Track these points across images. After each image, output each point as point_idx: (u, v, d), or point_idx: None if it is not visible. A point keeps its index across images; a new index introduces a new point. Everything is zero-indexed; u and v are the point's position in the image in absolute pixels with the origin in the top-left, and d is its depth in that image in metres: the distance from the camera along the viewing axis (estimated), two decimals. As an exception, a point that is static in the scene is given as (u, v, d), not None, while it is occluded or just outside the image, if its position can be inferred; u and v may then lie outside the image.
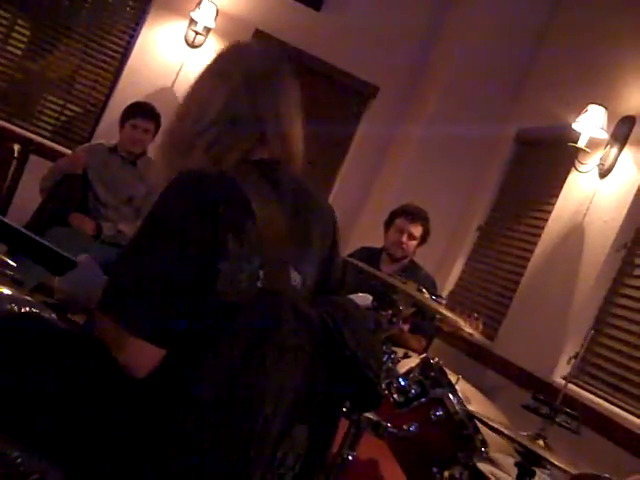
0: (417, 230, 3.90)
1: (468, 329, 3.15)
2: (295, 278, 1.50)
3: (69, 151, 4.79)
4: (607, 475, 1.86)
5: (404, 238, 3.89)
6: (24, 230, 1.62)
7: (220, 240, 1.36)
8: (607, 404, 3.42)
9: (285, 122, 1.60)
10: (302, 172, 1.65)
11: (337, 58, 5.42)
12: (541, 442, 2.07)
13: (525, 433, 2.17)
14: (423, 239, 3.97)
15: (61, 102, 5.28)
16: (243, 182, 1.43)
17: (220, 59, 1.62)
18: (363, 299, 3.26)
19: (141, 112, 4.12)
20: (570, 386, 3.19)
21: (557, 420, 1.95)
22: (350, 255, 4.30)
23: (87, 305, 1.53)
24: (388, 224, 3.99)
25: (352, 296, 3.21)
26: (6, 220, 1.60)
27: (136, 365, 1.36)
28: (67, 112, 5.30)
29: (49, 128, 5.28)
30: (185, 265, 1.35)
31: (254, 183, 1.46)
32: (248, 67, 1.57)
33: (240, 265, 1.38)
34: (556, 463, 1.85)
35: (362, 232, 5.16)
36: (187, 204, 1.38)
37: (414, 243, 3.93)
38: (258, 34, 5.33)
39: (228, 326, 1.36)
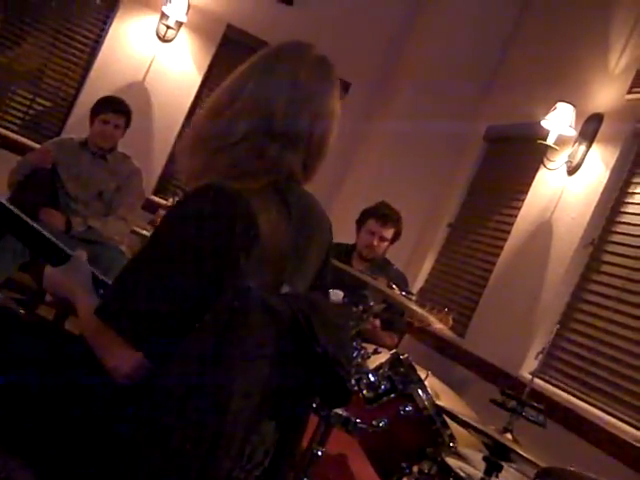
0: (388, 233, 3.91)
1: (438, 324, 3.17)
2: (284, 290, 1.50)
3: (38, 145, 4.74)
4: (573, 468, 1.88)
5: (375, 241, 3.90)
6: (23, 215, 1.58)
7: (232, 257, 1.35)
8: (573, 398, 3.46)
9: (320, 132, 1.53)
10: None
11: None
12: (509, 436, 2.10)
13: (493, 427, 2.19)
14: (394, 239, 3.99)
15: (30, 96, 5.23)
16: (254, 198, 1.41)
17: (265, 58, 1.54)
18: (334, 295, 3.28)
19: (111, 107, 4.09)
20: (537, 381, 3.23)
21: (524, 414, 1.97)
22: None
23: (69, 300, 1.50)
24: (360, 223, 3.99)
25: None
26: (5, 203, 1.57)
27: (126, 374, 1.35)
28: (36, 106, 5.25)
29: (17, 122, 5.22)
30: (193, 282, 1.35)
31: (264, 199, 1.44)
32: (300, 75, 1.50)
33: (243, 284, 1.37)
34: (524, 455, 1.87)
35: (333, 228, 5.16)
36: (204, 219, 1.36)
37: (385, 244, 3.95)
38: (230, 29, 5.32)
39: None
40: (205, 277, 1.35)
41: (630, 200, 3.69)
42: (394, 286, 2.70)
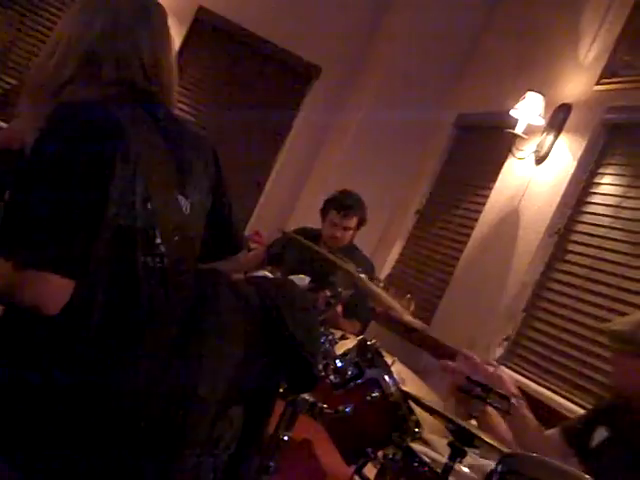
0: (351, 223, 3.85)
1: (400, 310, 3.18)
2: (183, 204, 1.48)
3: (5, 125, 4.65)
4: (536, 454, 1.91)
5: (338, 233, 3.86)
6: None
7: (109, 165, 1.33)
8: (536, 385, 3.51)
9: (156, 67, 1.53)
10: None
11: (281, 38, 5.38)
12: (473, 422, 2.12)
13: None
14: (359, 226, 3.94)
15: (-4, 73, 5.14)
16: (117, 109, 1.40)
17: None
18: (300, 280, 3.27)
19: None
20: (502, 368, 3.26)
21: (489, 401, 1.98)
22: (282, 238, 4.28)
23: None
24: (323, 213, 3.92)
25: (289, 277, 3.23)
26: None
27: (45, 301, 1.27)
28: (2, 84, 5.15)
29: (-17, 100, 5.12)
30: (78, 194, 1.31)
31: (128, 111, 1.43)
32: (114, 10, 1.51)
33: (131, 187, 1.35)
34: (487, 441, 1.89)
35: (302, 213, 5.16)
36: (73, 134, 1.34)
37: (349, 233, 3.89)
38: (201, 10, 5.26)
39: (129, 254, 1.34)
40: (84, 188, 1.31)
41: (596, 190, 3.73)
42: (361, 272, 2.69)
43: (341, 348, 2.46)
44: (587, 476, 1.53)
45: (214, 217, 1.59)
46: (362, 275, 2.64)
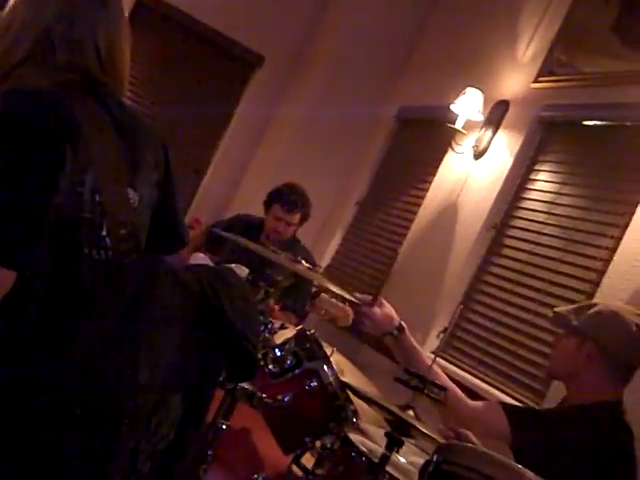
0: (294, 218, 3.85)
1: (340, 321, 3.20)
2: (132, 197, 1.47)
3: None
4: (470, 444, 1.94)
5: (281, 227, 3.85)
6: None
7: (59, 155, 1.30)
8: (471, 377, 3.57)
9: (110, 54, 1.52)
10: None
11: (225, 25, 5.33)
12: (411, 412, 2.14)
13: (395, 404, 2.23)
14: (302, 222, 3.94)
15: None
16: (69, 98, 1.38)
17: None
18: (239, 270, 3.25)
19: None
20: (439, 360, 3.31)
21: (425, 392, 2.01)
22: (228, 221, 4.26)
23: None
24: (266, 205, 3.91)
25: (229, 266, 3.21)
26: None
27: None
28: None
29: None
30: (25, 182, 1.28)
31: (80, 100, 1.41)
32: None
33: (79, 177, 1.33)
34: (424, 431, 1.91)
35: (242, 202, 5.13)
36: (21, 122, 1.31)
37: (292, 228, 3.88)
38: (142, -6, 5.17)
39: (73, 245, 1.32)
40: (31, 179, 1.28)
41: (531, 186, 3.81)
42: (302, 260, 2.68)
43: (280, 337, 2.46)
44: (520, 466, 1.56)
45: (160, 212, 1.57)
46: (302, 264, 2.63)
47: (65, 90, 1.39)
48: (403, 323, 2.32)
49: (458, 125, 4.19)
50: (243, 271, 3.18)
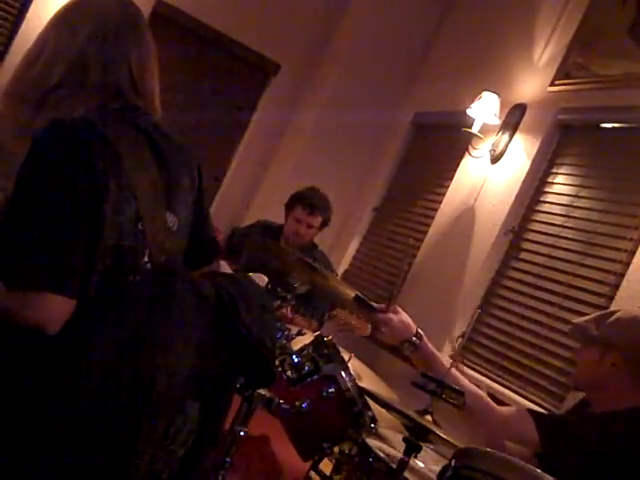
0: (316, 221, 3.85)
1: (358, 332, 3.20)
2: (171, 220, 1.49)
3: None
4: (490, 449, 1.93)
5: (302, 229, 3.85)
6: None
7: (103, 185, 1.32)
8: (490, 382, 3.55)
9: (141, 74, 1.54)
10: (163, 122, 1.61)
11: (241, 33, 5.36)
12: (428, 417, 2.14)
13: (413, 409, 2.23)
14: (323, 226, 3.94)
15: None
16: (107, 127, 1.39)
17: (73, 6, 1.55)
18: (258, 278, 3.26)
19: None
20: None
21: (444, 397, 2.00)
22: (247, 227, 4.27)
23: None
24: (288, 208, 3.92)
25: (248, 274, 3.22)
26: None
27: (48, 319, 1.29)
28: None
29: None
30: (75, 214, 1.30)
31: (118, 128, 1.42)
32: (102, 16, 1.51)
33: (121, 207, 1.35)
34: (442, 436, 1.91)
35: (258, 210, 5.15)
36: (66, 154, 1.33)
37: (312, 232, 3.89)
38: (158, 4, 5.21)
39: (117, 273, 1.34)
40: (79, 208, 1.30)
41: (549, 190, 3.80)
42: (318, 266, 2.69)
43: (298, 344, 2.46)
44: (539, 471, 1.55)
45: (194, 229, 1.60)
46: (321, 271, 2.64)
47: (102, 118, 1.41)
48: (420, 330, 2.30)
49: (475, 129, 4.18)
50: (263, 280, 3.20)
